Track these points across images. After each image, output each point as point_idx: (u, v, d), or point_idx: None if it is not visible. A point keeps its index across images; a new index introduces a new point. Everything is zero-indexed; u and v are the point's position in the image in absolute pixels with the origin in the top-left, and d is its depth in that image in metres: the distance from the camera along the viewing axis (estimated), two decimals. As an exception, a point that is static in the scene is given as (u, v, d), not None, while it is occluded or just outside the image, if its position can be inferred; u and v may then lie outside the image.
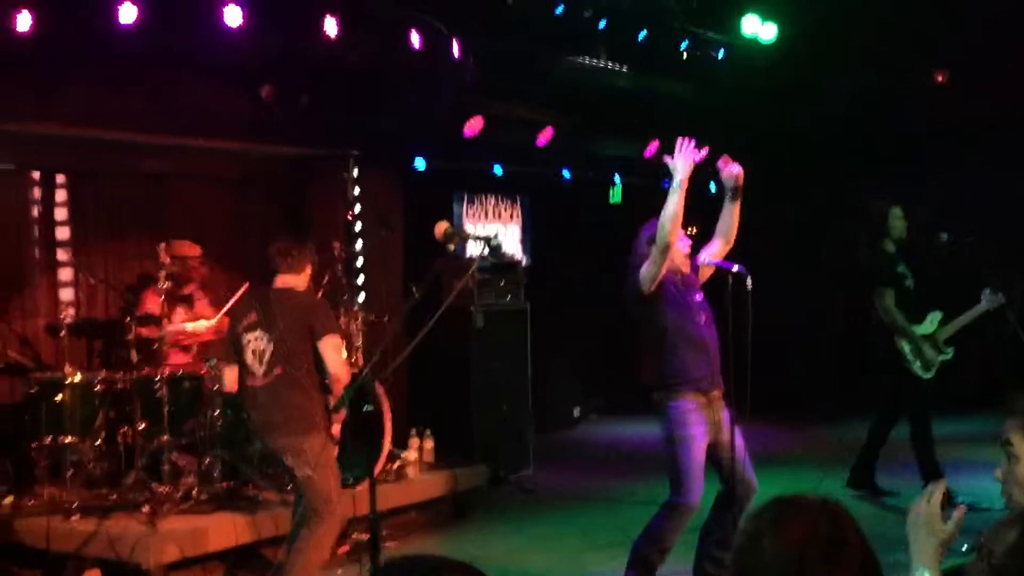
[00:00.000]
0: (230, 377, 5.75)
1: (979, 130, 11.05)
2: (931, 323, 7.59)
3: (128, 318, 6.97)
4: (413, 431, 8.05)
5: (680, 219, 5.34)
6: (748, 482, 5.54)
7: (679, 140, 5.35)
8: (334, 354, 5.51)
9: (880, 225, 7.67)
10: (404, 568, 1.81)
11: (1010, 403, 2.70)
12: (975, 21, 10.74)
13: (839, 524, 1.92)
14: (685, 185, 5.33)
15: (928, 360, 7.50)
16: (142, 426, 6.60)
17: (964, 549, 5.10)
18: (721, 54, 10.52)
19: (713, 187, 5.48)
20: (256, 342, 5.60)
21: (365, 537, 5.91)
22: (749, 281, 5.43)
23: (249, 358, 5.61)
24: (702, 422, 5.49)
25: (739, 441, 5.53)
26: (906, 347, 7.51)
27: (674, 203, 5.32)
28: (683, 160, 5.35)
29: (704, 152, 5.35)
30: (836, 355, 11.37)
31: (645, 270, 5.45)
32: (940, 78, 11.67)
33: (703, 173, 5.59)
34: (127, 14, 6.54)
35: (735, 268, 5.51)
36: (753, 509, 2.04)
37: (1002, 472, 2.72)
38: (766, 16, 10.45)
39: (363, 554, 5.98)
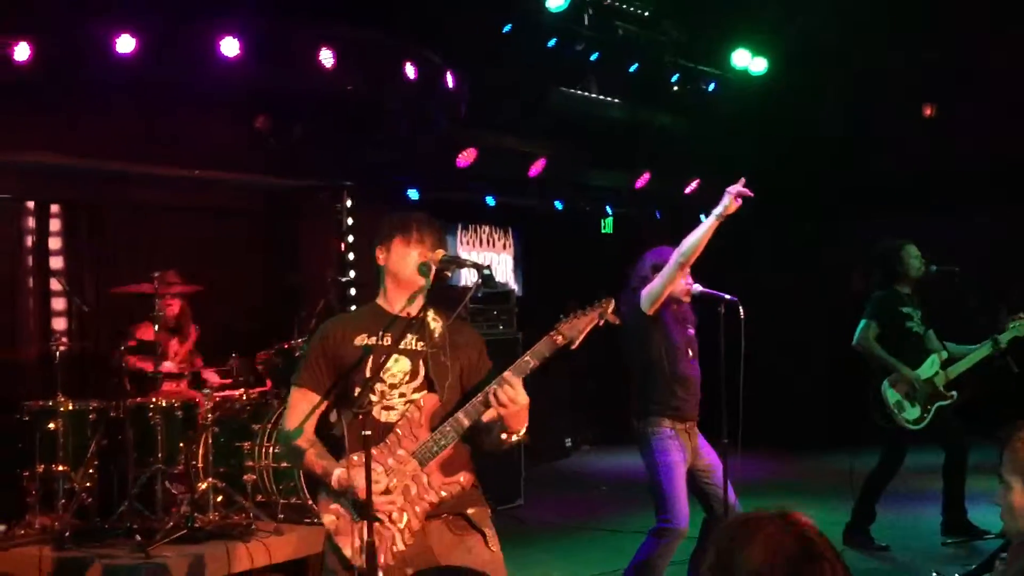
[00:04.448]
0: None
1: (968, 166, 11.15)
2: (931, 366, 7.19)
3: (122, 347, 6.98)
4: (405, 460, 8.03)
5: (704, 244, 5.34)
6: (731, 505, 5.56)
7: (741, 179, 5.26)
8: None
9: (894, 265, 7.32)
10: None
11: (999, 437, 2.77)
12: (965, 56, 10.88)
13: (803, 534, 1.93)
14: (723, 217, 5.26)
15: (923, 403, 7.11)
16: (135, 455, 6.59)
17: (956, 576, 5.13)
18: (712, 87, 10.63)
19: (703, 218, 5.51)
20: None
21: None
22: (741, 310, 5.47)
23: None
24: (681, 449, 5.54)
25: (718, 464, 5.57)
26: (890, 395, 7.15)
27: (707, 226, 5.27)
28: (732, 197, 5.21)
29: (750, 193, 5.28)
30: (829, 385, 11.39)
31: (651, 287, 5.47)
32: (928, 112, 11.80)
33: (697, 206, 5.60)
34: (125, 45, 6.60)
35: (727, 297, 5.55)
36: (715, 535, 2.03)
37: (999, 499, 2.80)
38: (756, 50, 10.58)
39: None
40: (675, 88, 10.44)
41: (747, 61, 10.57)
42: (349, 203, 8.87)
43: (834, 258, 11.86)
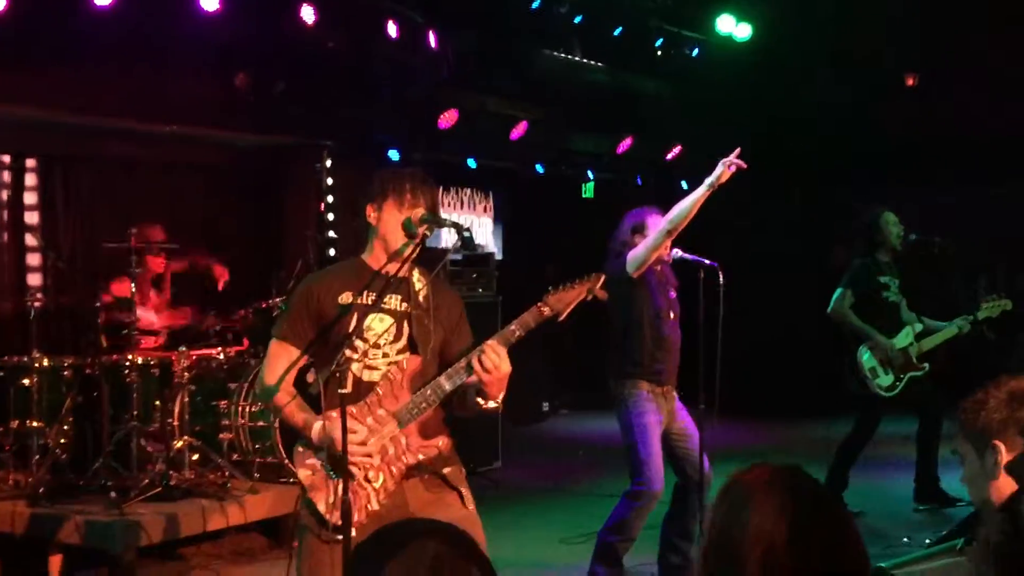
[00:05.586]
0: None
1: (950, 135, 11.13)
2: (906, 336, 7.23)
3: (98, 303, 6.91)
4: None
5: (694, 213, 5.30)
6: (704, 470, 5.58)
7: (736, 148, 5.23)
8: None
9: (873, 234, 7.34)
10: (384, 534, 1.85)
11: (958, 411, 2.78)
12: (949, 26, 10.84)
13: (809, 483, 1.92)
14: (715, 187, 5.20)
15: (896, 372, 7.15)
16: (110, 412, 6.56)
17: (927, 542, 5.20)
18: (696, 52, 10.59)
19: (685, 184, 5.50)
20: None
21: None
22: (721, 276, 5.47)
23: None
24: (658, 411, 5.55)
25: (693, 430, 5.59)
26: (866, 360, 7.18)
27: (698, 195, 5.22)
28: (726, 167, 5.17)
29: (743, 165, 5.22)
30: (811, 353, 11.43)
31: (636, 252, 5.45)
32: (910, 81, 11.78)
33: (679, 172, 5.59)
34: (102, -3, 6.50)
35: (707, 263, 5.55)
36: (717, 494, 2.01)
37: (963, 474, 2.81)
38: (741, 16, 10.53)
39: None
40: (659, 53, 10.40)
41: (732, 27, 10.53)
42: (329, 162, 8.80)
43: (821, 227, 11.86)
